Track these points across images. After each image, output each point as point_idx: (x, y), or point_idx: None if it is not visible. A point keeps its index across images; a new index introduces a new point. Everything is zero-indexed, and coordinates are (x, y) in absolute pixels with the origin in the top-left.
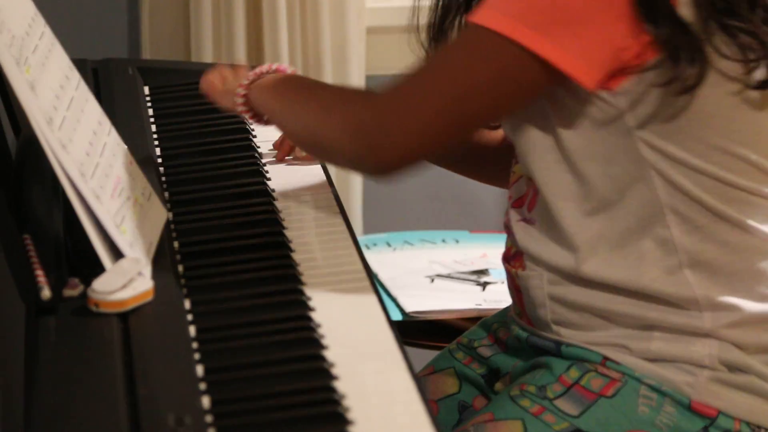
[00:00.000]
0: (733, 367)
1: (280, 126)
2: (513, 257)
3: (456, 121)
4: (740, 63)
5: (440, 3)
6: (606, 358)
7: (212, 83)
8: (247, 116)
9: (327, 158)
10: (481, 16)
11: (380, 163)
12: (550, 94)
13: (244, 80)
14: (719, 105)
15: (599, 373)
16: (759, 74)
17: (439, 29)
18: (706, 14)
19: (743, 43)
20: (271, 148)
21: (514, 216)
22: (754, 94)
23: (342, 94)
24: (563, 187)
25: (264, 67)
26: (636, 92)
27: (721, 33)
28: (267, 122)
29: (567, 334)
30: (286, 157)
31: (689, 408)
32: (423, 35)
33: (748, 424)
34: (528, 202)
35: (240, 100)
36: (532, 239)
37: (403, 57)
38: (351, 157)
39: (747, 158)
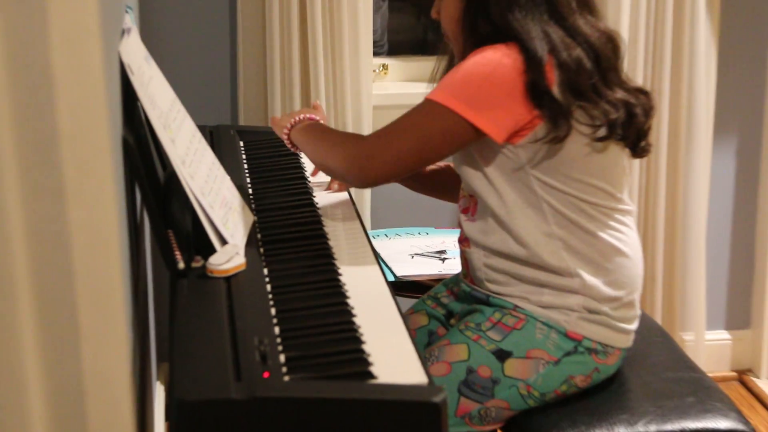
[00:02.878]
0: (592, 311)
1: (306, 154)
2: (463, 240)
3: (413, 161)
4: (589, 127)
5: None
6: (516, 306)
7: (274, 120)
8: (288, 146)
9: (332, 175)
10: (437, 96)
11: (366, 179)
12: (477, 147)
13: (288, 124)
14: (578, 152)
15: (512, 315)
16: (601, 132)
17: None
18: (569, 96)
19: (590, 113)
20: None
21: (462, 217)
22: (599, 144)
23: (343, 136)
24: (492, 201)
25: (300, 115)
26: (529, 145)
27: (579, 109)
28: (297, 149)
29: (493, 289)
30: (325, 190)
31: (566, 335)
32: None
33: (601, 344)
34: (471, 208)
35: (285, 136)
36: (473, 230)
37: None
38: (347, 176)
39: (596, 185)
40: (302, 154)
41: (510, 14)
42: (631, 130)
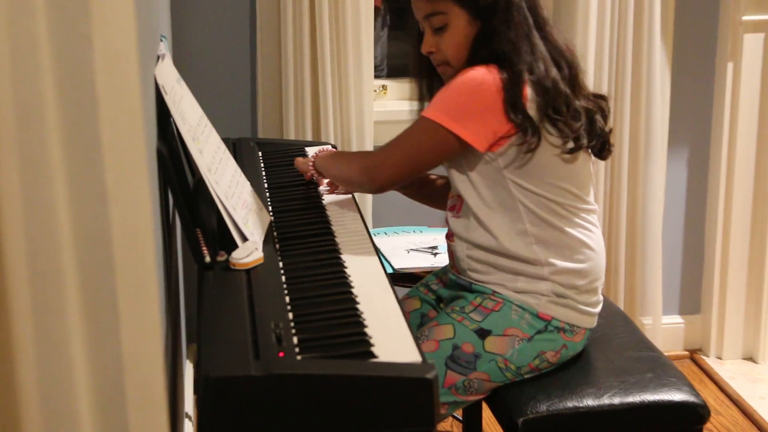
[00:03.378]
0: (559, 295)
1: (329, 175)
2: (450, 236)
3: (411, 168)
4: (559, 139)
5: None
6: (494, 292)
7: (297, 160)
8: (314, 175)
9: (350, 186)
10: (429, 113)
11: (375, 185)
12: (464, 154)
13: (312, 156)
14: (548, 160)
15: (491, 299)
16: (569, 145)
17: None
18: (542, 113)
19: (560, 128)
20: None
21: (449, 214)
22: (567, 154)
23: (356, 153)
24: (474, 201)
25: (321, 148)
26: (505, 152)
27: (549, 123)
28: (322, 176)
29: (474, 277)
30: (331, 191)
31: (537, 316)
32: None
33: (568, 323)
34: (457, 207)
35: (310, 166)
36: (458, 226)
37: (391, 136)
38: (362, 184)
39: (565, 188)
40: None
41: (514, 36)
42: (594, 135)
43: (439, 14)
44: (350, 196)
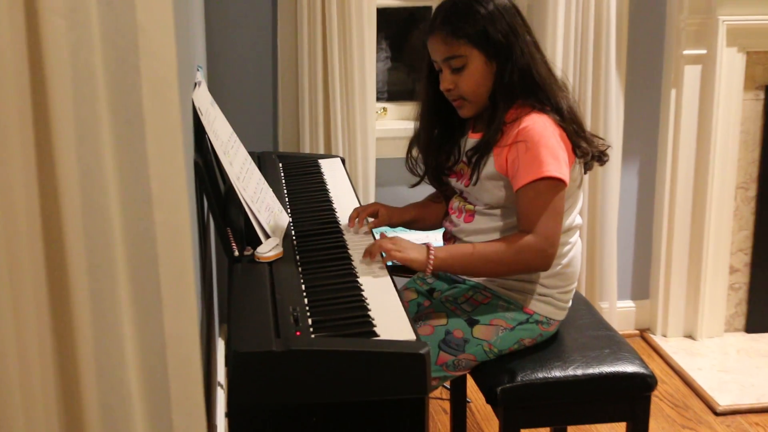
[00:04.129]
0: (542, 294)
1: (472, 276)
2: (448, 239)
3: (559, 221)
4: (589, 157)
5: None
6: (485, 287)
7: (388, 249)
8: (428, 270)
9: (521, 273)
10: (533, 175)
11: (551, 263)
12: (508, 184)
13: (431, 256)
14: (572, 183)
15: (482, 293)
16: (588, 165)
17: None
18: (583, 139)
19: (588, 149)
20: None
21: (456, 220)
22: (581, 175)
23: (509, 251)
24: (494, 222)
25: (429, 244)
26: None
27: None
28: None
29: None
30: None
31: (522, 310)
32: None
33: (546, 317)
34: (464, 217)
35: (431, 267)
36: (464, 234)
37: (390, 150)
38: (540, 268)
39: (573, 206)
40: (326, 176)
41: (545, 73)
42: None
43: (459, 57)
44: (356, 199)
